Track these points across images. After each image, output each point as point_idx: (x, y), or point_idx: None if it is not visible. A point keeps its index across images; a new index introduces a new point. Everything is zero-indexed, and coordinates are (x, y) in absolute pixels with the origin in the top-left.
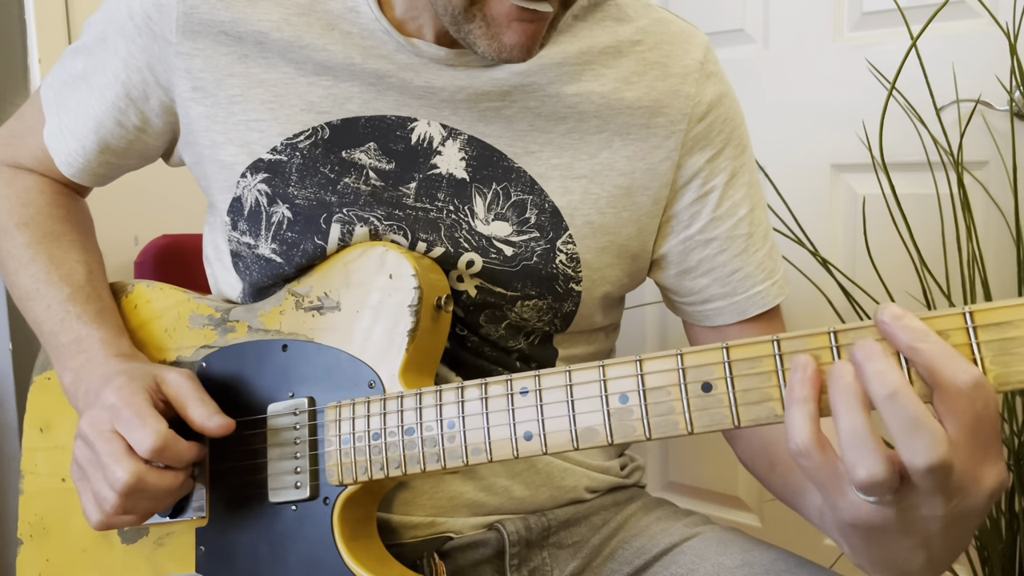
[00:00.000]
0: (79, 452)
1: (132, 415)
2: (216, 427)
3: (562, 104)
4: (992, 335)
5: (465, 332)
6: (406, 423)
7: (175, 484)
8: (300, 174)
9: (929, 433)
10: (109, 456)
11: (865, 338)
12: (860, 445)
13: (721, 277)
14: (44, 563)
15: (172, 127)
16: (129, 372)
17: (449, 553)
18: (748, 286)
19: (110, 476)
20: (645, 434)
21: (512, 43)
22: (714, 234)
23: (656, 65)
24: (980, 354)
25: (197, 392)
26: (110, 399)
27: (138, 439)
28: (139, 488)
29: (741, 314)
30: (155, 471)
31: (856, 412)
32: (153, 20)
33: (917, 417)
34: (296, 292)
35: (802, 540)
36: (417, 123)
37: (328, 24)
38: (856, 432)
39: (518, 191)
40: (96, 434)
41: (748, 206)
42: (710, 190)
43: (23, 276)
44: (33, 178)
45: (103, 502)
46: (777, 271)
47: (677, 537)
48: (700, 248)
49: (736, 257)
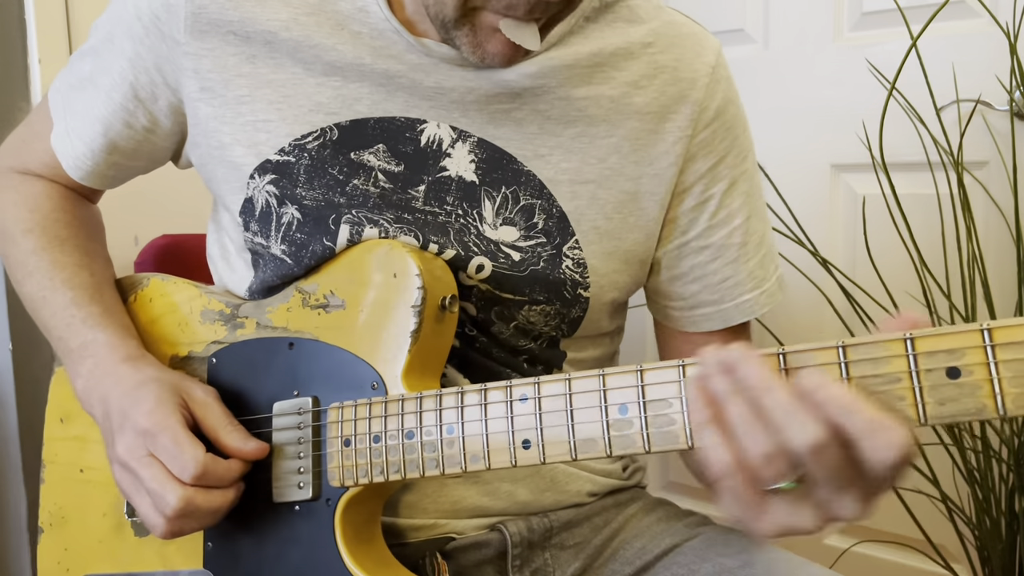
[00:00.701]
0: (120, 477)
1: (169, 442)
2: (252, 451)
3: (572, 108)
4: (1012, 355)
5: (475, 332)
6: (406, 427)
7: (225, 502)
8: (308, 175)
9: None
10: (154, 482)
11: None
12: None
13: (711, 284)
14: (63, 552)
15: (181, 128)
16: (154, 390)
17: (452, 554)
18: (737, 294)
19: (159, 502)
20: (644, 447)
21: (494, 52)
22: (708, 241)
23: (667, 69)
24: (998, 375)
25: (226, 416)
26: (142, 424)
27: (179, 468)
28: (190, 511)
29: (726, 321)
30: (203, 492)
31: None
32: (161, 20)
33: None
34: (303, 289)
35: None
36: (427, 125)
37: (338, 24)
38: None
39: (527, 195)
40: (136, 461)
41: (744, 215)
42: (709, 197)
43: (29, 284)
44: (41, 184)
45: (154, 528)
46: (767, 280)
47: (678, 537)
48: (694, 254)
49: (727, 265)
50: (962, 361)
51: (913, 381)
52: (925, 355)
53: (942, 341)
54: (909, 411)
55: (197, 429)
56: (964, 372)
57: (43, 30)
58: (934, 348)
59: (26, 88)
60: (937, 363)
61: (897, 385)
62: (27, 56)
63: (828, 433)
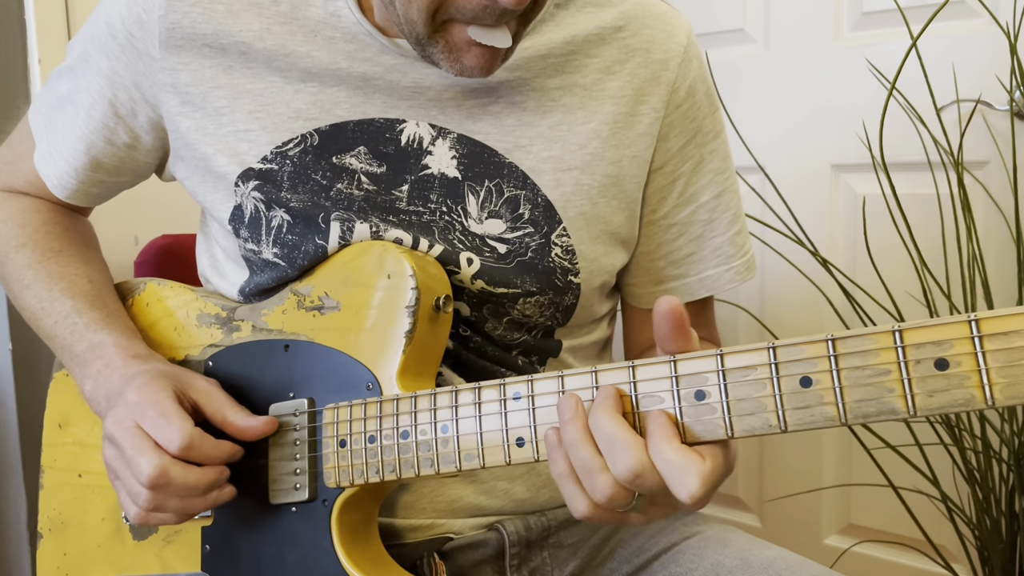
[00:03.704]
0: (107, 453)
1: (157, 414)
2: (260, 425)
3: (547, 98)
4: (999, 344)
5: (468, 332)
6: (401, 426)
7: (202, 480)
8: (292, 182)
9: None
10: (134, 450)
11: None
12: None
13: (676, 260)
14: (62, 557)
15: (162, 143)
16: (151, 371)
17: (449, 553)
18: (700, 269)
19: (135, 469)
20: None
21: (472, 65)
22: (675, 219)
23: (638, 51)
24: (986, 365)
25: (230, 398)
26: (132, 397)
27: (165, 438)
28: (165, 482)
29: (690, 295)
30: (180, 465)
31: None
32: (136, 37)
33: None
34: (298, 292)
35: (802, 540)
36: (406, 124)
37: (310, 31)
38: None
39: (511, 187)
40: (121, 432)
41: (712, 192)
42: (678, 176)
43: (27, 297)
44: (29, 200)
45: (136, 497)
46: (736, 257)
47: (676, 536)
48: (661, 232)
49: (691, 241)
50: (950, 352)
51: (902, 373)
52: (913, 347)
53: (930, 333)
54: (899, 403)
55: (201, 421)
56: (952, 363)
57: (43, 30)
58: (922, 340)
59: (26, 88)
60: (925, 354)
61: (886, 377)
62: (27, 56)
63: (642, 466)
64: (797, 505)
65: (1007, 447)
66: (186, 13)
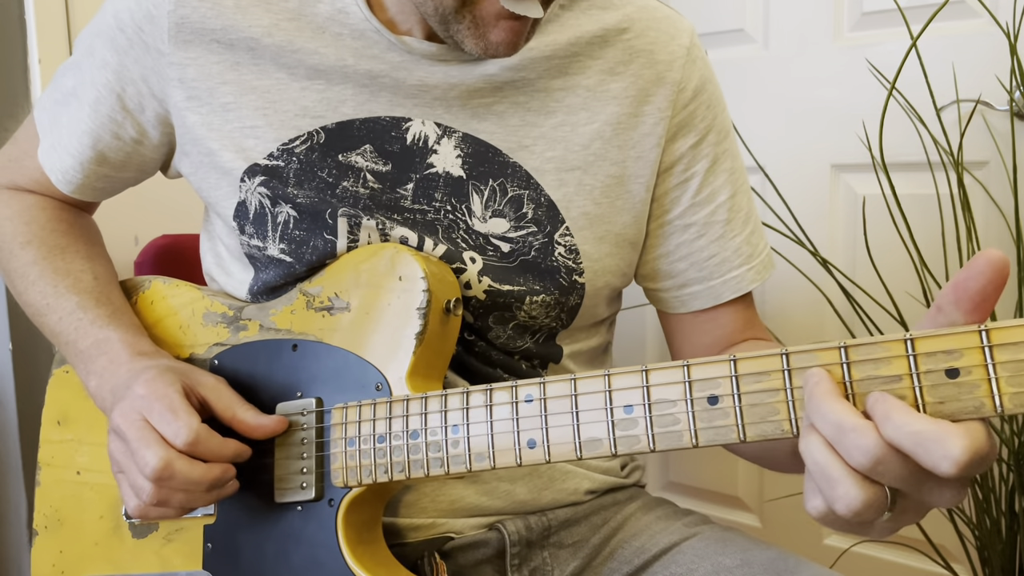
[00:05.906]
0: (113, 446)
1: (164, 408)
2: (270, 424)
3: (550, 99)
4: (1009, 355)
5: (473, 337)
6: (411, 427)
7: (206, 477)
8: (298, 179)
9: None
10: (139, 443)
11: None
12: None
13: (698, 262)
14: (58, 554)
15: (168, 138)
16: (159, 367)
17: (450, 553)
18: (724, 271)
19: (140, 462)
20: (649, 446)
21: (498, 40)
22: (693, 219)
23: (643, 53)
24: (995, 375)
25: (238, 396)
26: (140, 391)
27: (171, 432)
28: (168, 475)
29: (716, 298)
30: (185, 459)
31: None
32: (145, 32)
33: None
34: (307, 292)
35: (802, 540)
36: (412, 123)
37: (318, 27)
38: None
39: (514, 186)
40: (127, 425)
41: (728, 192)
42: (691, 176)
43: (32, 294)
44: (34, 197)
45: (139, 491)
46: (755, 256)
47: (677, 537)
48: (678, 233)
49: (713, 243)
50: (960, 361)
51: (913, 381)
52: (925, 355)
53: (941, 342)
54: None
55: (209, 418)
56: (963, 372)
57: (43, 30)
58: (933, 348)
59: (26, 88)
60: (936, 363)
61: (898, 385)
62: (27, 56)
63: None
64: (797, 505)
65: (1007, 447)
66: (195, 8)
